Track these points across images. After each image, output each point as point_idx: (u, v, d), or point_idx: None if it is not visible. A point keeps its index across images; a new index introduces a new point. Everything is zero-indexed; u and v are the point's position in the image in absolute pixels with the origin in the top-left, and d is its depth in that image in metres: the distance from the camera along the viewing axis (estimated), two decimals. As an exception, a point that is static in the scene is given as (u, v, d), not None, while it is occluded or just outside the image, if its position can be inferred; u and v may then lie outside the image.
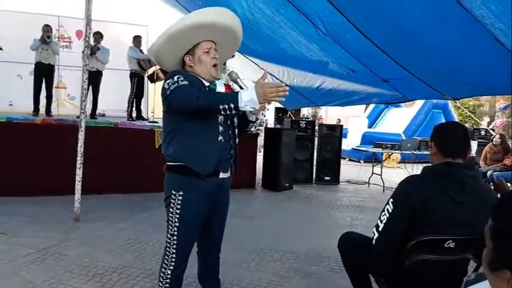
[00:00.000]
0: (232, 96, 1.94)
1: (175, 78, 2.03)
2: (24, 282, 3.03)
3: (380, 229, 2.01)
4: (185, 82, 2.02)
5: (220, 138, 2.12)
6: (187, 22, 2.09)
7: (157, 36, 2.16)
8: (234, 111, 1.93)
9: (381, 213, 2.03)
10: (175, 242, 2.16)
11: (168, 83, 2.04)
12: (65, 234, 4.17)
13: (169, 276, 2.19)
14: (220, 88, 2.18)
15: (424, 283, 1.98)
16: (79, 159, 4.62)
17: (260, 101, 1.91)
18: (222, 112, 1.94)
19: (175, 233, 2.15)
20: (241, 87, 2.09)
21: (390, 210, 1.98)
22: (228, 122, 2.19)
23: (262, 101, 1.92)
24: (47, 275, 3.15)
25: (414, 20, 3.66)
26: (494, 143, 7.75)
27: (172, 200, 2.13)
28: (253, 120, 2.28)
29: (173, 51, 2.18)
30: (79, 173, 4.62)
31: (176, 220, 2.13)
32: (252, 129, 2.33)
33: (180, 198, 2.11)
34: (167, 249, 2.19)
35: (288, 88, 1.95)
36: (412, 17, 3.63)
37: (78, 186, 4.62)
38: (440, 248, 1.89)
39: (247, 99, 1.89)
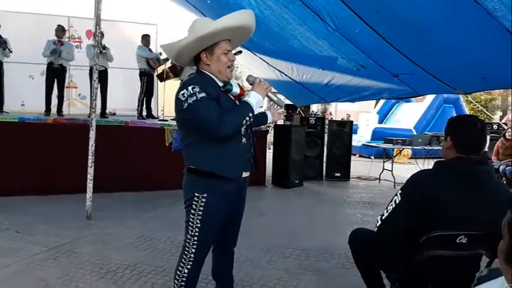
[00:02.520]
0: (247, 106, 2.11)
1: (190, 89, 2.00)
2: (38, 279, 3.07)
3: (384, 217, 2.00)
4: (203, 94, 2.00)
5: (243, 140, 2.16)
6: (230, 23, 2.09)
7: (190, 34, 2.11)
8: (252, 118, 2.13)
9: (389, 203, 2.02)
10: (195, 242, 2.16)
11: (183, 94, 2.01)
12: (77, 232, 4.21)
13: (186, 275, 2.20)
14: (236, 89, 2.18)
15: (436, 279, 1.97)
16: (90, 158, 4.66)
17: (263, 96, 2.20)
18: (245, 126, 2.12)
19: (196, 233, 2.14)
20: (271, 98, 2.31)
21: (397, 201, 1.96)
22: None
23: (264, 94, 2.21)
24: (60, 273, 3.19)
25: (425, 14, 3.62)
26: (507, 137, 7.64)
27: (195, 202, 2.11)
28: (270, 123, 2.49)
29: (196, 49, 2.13)
30: (90, 171, 4.66)
31: (198, 222, 2.13)
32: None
33: (203, 200, 2.10)
34: (186, 249, 2.19)
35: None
36: (423, 11, 3.59)
37: (89, 184, 4.66)
38: (452, 244, 1.87)
39: (255, 102, 2.13)
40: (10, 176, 5.53)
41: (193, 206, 2.12)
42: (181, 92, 2.02)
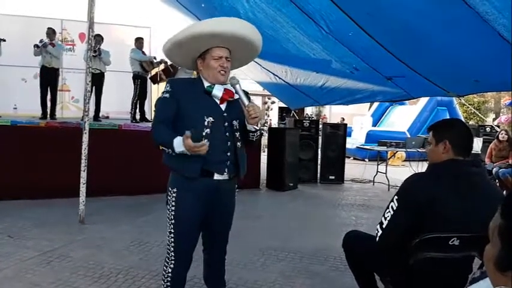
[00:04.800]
0: (171, 143, 2.06)
1: (165, 86, 2.21)
2: (31, 284, 3.04)
3: (384, 226, 2.00)
4: (166, 95, 2.17)
5: (204, 141, 2.06)
6: (192, 31, 2.15)
7: (167, 40, 2.23)
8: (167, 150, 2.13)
9: (386, 210, 2.02)
10: (172, 240, 2.21)
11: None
12: (70, 237, 4.18)
13: (169, 274, 2.23)
14: (218, 92, 2.18)
15: (429, 281, 1.97)
16: (83, 162, 4.63)
17: (186, 149, 2.02)
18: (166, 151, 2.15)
19: (172, 230, 2.20)
20: (238, 94, 2.19)
21: (395, 208, 1.97)
22: (226, 124, 2.19)
23: (188, 152, 2.03)
24: (53, 277, 3.17)
25: (417, 17, 3.64)
26: (500, 139, 7.70)
27: (168, 198, 2.21)
28: (252, 130, 2.23)
29: (182, 55, 2.28)
30: (83, 175, 4.64)
31: (172, 217, 2.19)
32: (254, 138, 2.31)
33: (174, 195, 2.18)
34: (167, 247, 2.24)
35: (206, 147, 2.03)
36: (415, 14, 3.61)
37: (82, 188, 4.64)
38: (445, 246, 1.88)
39: (179, 150, 2.04)
40: (2, 180, 5.48)
41: (168, 201, 2.21)
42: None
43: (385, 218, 2.01)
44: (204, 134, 2.11)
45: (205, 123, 2.14)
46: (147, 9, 10.78)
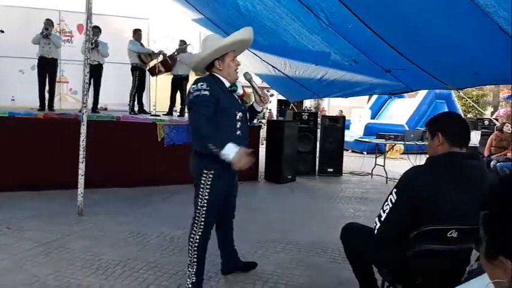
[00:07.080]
0: (222, 144, 2.43)
1: (200, 85, 2.53)
2: (29, 275, 3.05)
3: (382, 219, 2.01)
4: (206, 92, 2.50)
5: (238, 132, 2.64)
6: (238, 37, 2.71)
7: (206, 48, 2.69)
8: (214, 153, 2.44)
9: (384, 203, 2.03)
10: (204, 212, 2.64)
11: (193, 88, 2.55)
12: (69, 228, 4.18)
13: (197, 240, 2.67)
14: (240, 90, 2.72)
15: (427, 273, 1.98)
16: (81, 153, 4.62)
17: (233, 162, 2.42)
18: (208, 149, 2.45)
19: (205, 204, 2.63)
20: (252, 86, 2.87)
21: (393, 200, 1.97)
22: (246, 117, 2.75)
23: (233, 164, 2.43)
24: (51, 268, 3.17)
25: (417, 9, 3.62)
26: (505, 130, 7.72)
27: (203, 177, 2.60)
28: (260, 110, 2.86)
29: (211, 59, 2.69)
30: (82, 167, 4.63)
31: (206, 194, 2.62)
32: (255, 121, 2.73)
33: (211, 176, 2.61)
34: (196, 219, 2.67)
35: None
36: (415, 7, 3.59)
37: (81, 180, 4.63)
38: (443, 238, 1.88)
39: (226, 153, 2.42)
40: (0, 172, 5.47)
41: (202, 180, 2.61)
42: (193, 86, 2.57)
43: (384, 211, 2.01)
44: (238, 126, 2.64)
45: (237, 117, 2.65)
46: (145, 1, 10.74)
